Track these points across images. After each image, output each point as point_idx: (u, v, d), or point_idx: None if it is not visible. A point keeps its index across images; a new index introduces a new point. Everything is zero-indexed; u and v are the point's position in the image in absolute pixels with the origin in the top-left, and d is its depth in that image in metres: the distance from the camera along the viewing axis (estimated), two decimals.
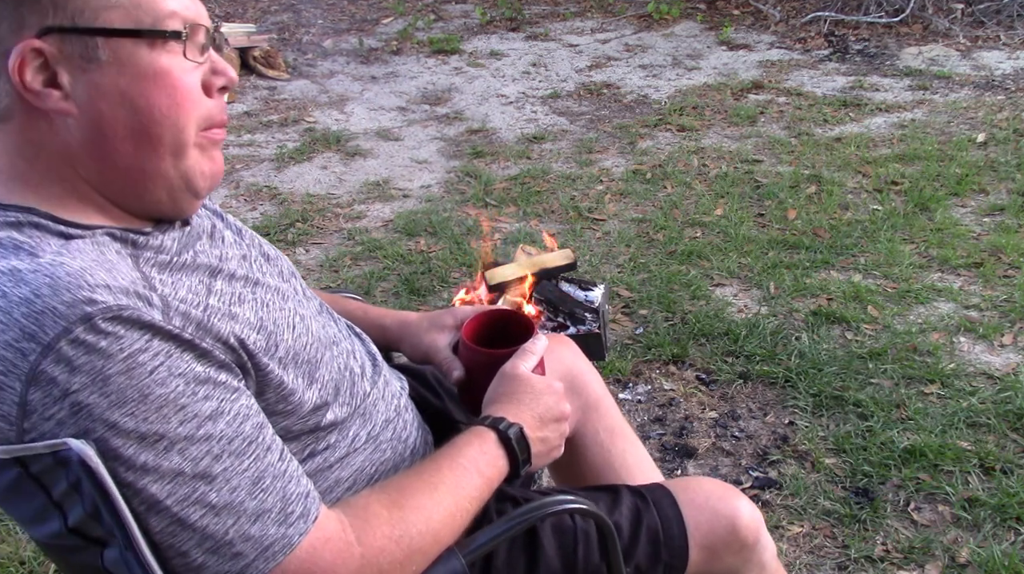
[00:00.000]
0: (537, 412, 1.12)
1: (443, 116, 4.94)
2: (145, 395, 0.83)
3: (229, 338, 0.92)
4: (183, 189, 0.97)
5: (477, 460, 1.05)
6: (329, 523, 0.93)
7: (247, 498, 0.87)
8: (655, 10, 6.49)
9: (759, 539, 1.30)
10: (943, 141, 4.20)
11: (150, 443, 0.83)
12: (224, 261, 1.02)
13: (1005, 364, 2.58)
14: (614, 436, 1.55)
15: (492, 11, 6.82)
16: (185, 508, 0.85)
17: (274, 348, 0.98)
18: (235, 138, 4.70)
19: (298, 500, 0.91)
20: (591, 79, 5.41)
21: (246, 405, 0.91)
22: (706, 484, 1.33)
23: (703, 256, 3.24)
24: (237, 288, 0.99)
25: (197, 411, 0.86)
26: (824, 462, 2.23)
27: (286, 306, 1.04)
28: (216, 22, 0.99)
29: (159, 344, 0.84)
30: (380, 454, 1.14)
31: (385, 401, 1.18)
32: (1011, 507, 2.04)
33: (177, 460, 0.84)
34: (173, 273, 0.94)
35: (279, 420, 0.99)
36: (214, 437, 0.86)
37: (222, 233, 1.09)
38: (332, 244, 3.53)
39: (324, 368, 1.05)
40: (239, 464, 0.88)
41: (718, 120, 4.65)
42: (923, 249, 3.25)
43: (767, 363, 2.61)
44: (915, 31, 5.88)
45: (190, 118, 0.94)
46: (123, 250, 0.93)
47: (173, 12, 0.92)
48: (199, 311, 0.91)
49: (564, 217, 3.65)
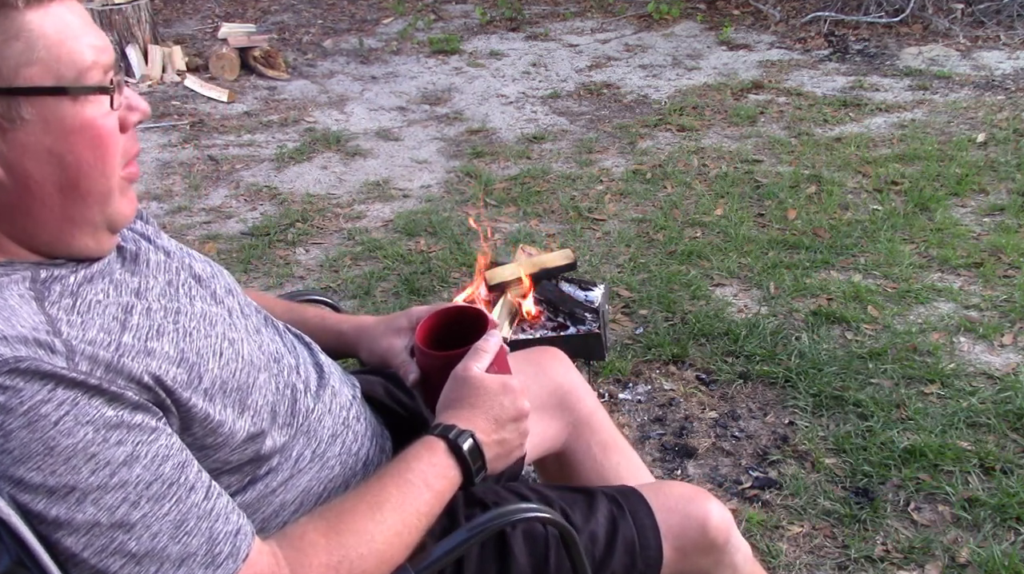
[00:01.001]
0: (492, 414, 1.09)
1: (443, 116, 4.94)
2: (51, 448, 0.80)
3: (143, 377, 0.89)
4: (105, 232, 0.96)
5: (426, 473, 1.02)
6: (261, 558, 0.90)
7: (169, 543, 0.85)
8: (655, 10, 6.49)
9: (729, 540, 1.31)
10: (943, 141, 4.20)
11: (60, 496, 0.81)
12: (143, 292, 0.98)
13: (1005, 364, 2.58)
14: (607, 450, 1.55)
15: (492, 11, 6.81)
16: (104, 559, 0.82)
17: (197, 380, 0.94)
18: (235, 138, 4.70)
19: (226, 539, 0.88)
20: (591, 79, 5.41)
21: (165, 445, 0.88)
22: (677, 487, 1.35)
23: (703, 256, 3.24)
24: (156, 320, 0.96)
25: (109, 458, 0.83)
26: (824, 462, 2.23)
27: (213, 332, 1.01)
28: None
29: (63, 393, 0.81)
30: (328, 471, 1.11)
31: (332, 414, 1.15)
32: (1011, 507, 2.04)
33: (91, 511, 0.82)
34: (83, 313, 0.91)
35: (210, 453, 0.96)
36: (130, 483, 0.84)
37: (147, 256, 1.05)
38: (332, 244, 3.53)
39: (257, 393, 1.02)
40: (159, 509, 0.85)
41: (718, 120, 4.65)
42: (923, 249, 3.25)
43: (767, 363, 2.61)
44: (915, 31, 5.87)
45: (115, 164, 0.92)
46: (27, 292, 0.89)
47: (94, 63, 0.88)
48: (109, 352, 0.88)
49: (564, 217, 3.65)
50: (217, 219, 3.80)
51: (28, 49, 0.84)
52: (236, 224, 3.74)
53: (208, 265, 1.14)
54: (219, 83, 5.41)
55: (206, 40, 6.25)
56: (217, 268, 1.16)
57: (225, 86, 5.37)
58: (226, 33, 5.81)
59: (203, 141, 4.66)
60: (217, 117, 4.99)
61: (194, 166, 4.35)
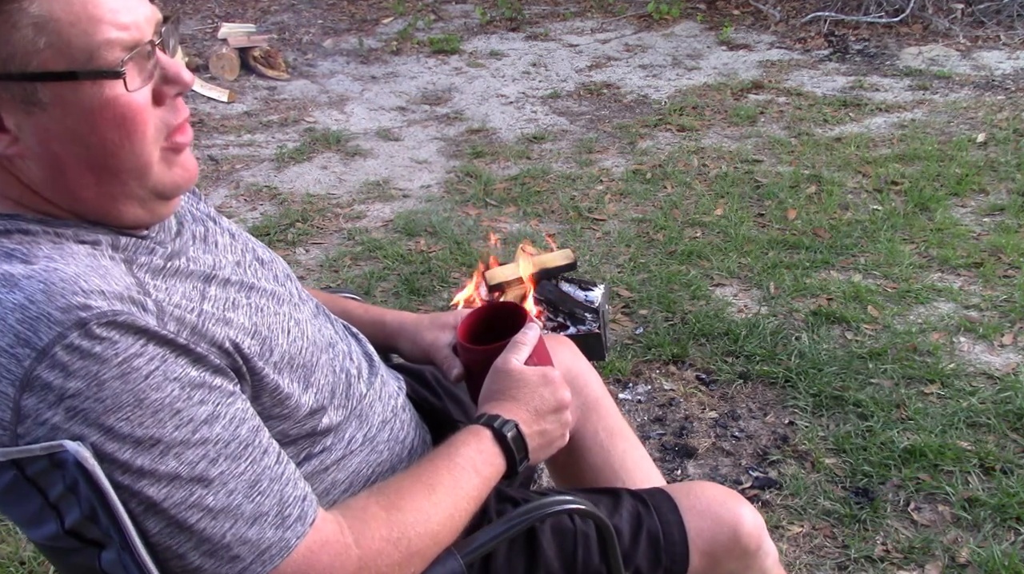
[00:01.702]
0: (532, 406, 1.11)
1: (443, 116, 4.94)
2: (140, 400, 0.83)
3: (224, 342, 0.92)
4: (155, 200, 0.96)
5: (474, 459, 1.04)
6: (326, 526, 0.93)
7: (244, 501, 0.87)
8: (655, 10, 6.48)
9: (761, 546, 1.30)
10: (943, 141, 4.20)
11: (146, 447, 0.83)
12: (218, 267, 1.01)
13: (1005, 364, 2.58)
14: (614, 437, 1.55)
15: (492, 11, 6.81)
16: (182, 511, 0.85)
17: (269, 353, 0.97)
18: (235, 138, 4.70)
19: (295, 503, 0.91)
20: (591, 79, 5.41)
21: (242, 409, 0.91)
22: (709, 489, 1.32)
23: (703, 256, 3.24)
24: (231, 293, 0.99)
25: (193, 415, 0.85)
26: (824, 462, 2.22)
27: (281, 310, 1.04)
28: (171, 13, 0.94)
29: (154, 349, 0.84)
30: (377, 455, 1.14)
31: (382, 402, 1.18)
32: (1011, 507, 2.04)
33: (173, 464, 0.84)
34: (167, 279, 0.94)
35: (275, 424, 0.99)
36: (210, 441, 0.86)
37: (215, 238, 1.08)
38: (332, 244, 3.53)
39: (320, 372, 1.05)
40: (235, 467, 0.88)
41: (718, 120, 4.65)
42: (923, 249, 3.25)
43: (767, 363, 2.61)
44: (915, 31, 5.87)
45: (145, 141, 0.91)
46: (116, 256, 0.92)
47: (107, 41, 0.85)
48: (194, 316, 0.91)
49: (564, 217, 3.65)
50: None
51: (37, 34, 0.83)
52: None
53: (267, 251, 1.18)
54: (219, 83, 5.41)
55: (206, 40, 6.25)
56: (274, 255, 1.19)
57: (225, 86, 5.37)
58: (226, 33, 5.81)
59: (203, 141, 4.66)
60: (217, 117, 4.99)
61: None
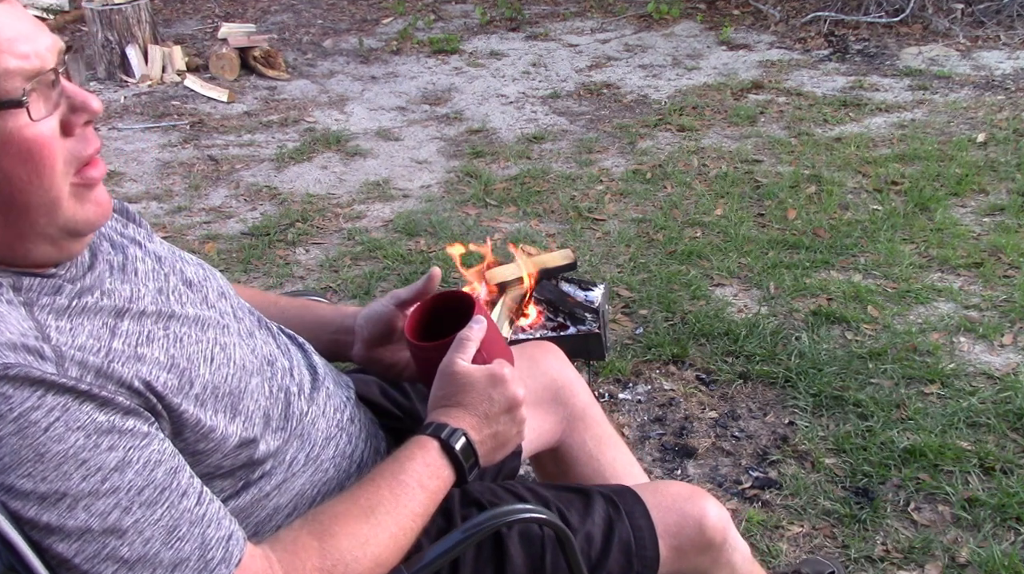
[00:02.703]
0: (481, 410, 1.08)
1: (443, 116, 4.94)
2: (41, 454, 0.80)
3: (133, 382, 0.88)
4: (66, 239, 0.93)
5: (420, 474, 1.02)
6: (254, 563, 0.90)
7: (162, 549, 0.84)
8: (655, 10, 6.48)
9: (727, 539, 1.31)
10: (943, 141, 4.20)
11: (52, 503, 0.80)
12: (135, 298, 0.97)
13: (1005, 364, 2.58)
14: (602, 445, 1.55)
15: (492, 11, 6.81)
16: (96, 565, 0.82)
17: (188, 386, 0.94)
18: (235, 138, 4.70)
19: (218, 544, 0.88)
20: (591, 79, 5.41)
21: (158, 450, 0.87)
22: (673, 487, 1.35)
23: (703, 256, 3.24)
24: (147, 326, 0.95)
25: (101, 464, 0.82)
26: (824, 462, 2.23)
27: (204, 337, 1.00)
28: (71, 42, 0.89)
29: (52, 399, 0.81)
30: (322, 474, 1.10)
31: (326, 418, 1.14)
32: (1011, 507, 2.04)
33: (83, 517, 0.81)
34: (72, 318, 0.90)
35: (203, 458, 0.96)
36: (121, 489, 0.83)
37: (135, 265, 1.03)
38: (332, 244, 3.53)
39: (249, 398, 1.01)
40: (151, 514, 0.84)
41: (718, 120, 4.65)
42: (923, 249, 3.25)
43: (767, 363, 2.61)
44: (915, 31, 5.87)
45: (54, 174, 0.88)
46: (16, 299, 0.88)
47: (6, 71, 0.82)
48: (100, 358, 0.87)
49: (564, 217, 3.65)
50: (217, 219, 3.80)
51: None
52: (236, 224, 3.74)
53: (200, 268, 1.13)
54: (219, 83, 5.41)
55: (206, 40, 6.25)
56: (209, 270, 1.14)
57: (225, 86, 5.37)
58: (226, 33, 5.81)
59: (203, 141, 4.66)
60: (217, 117, 4.99)
61: (194, 166, 4.35)
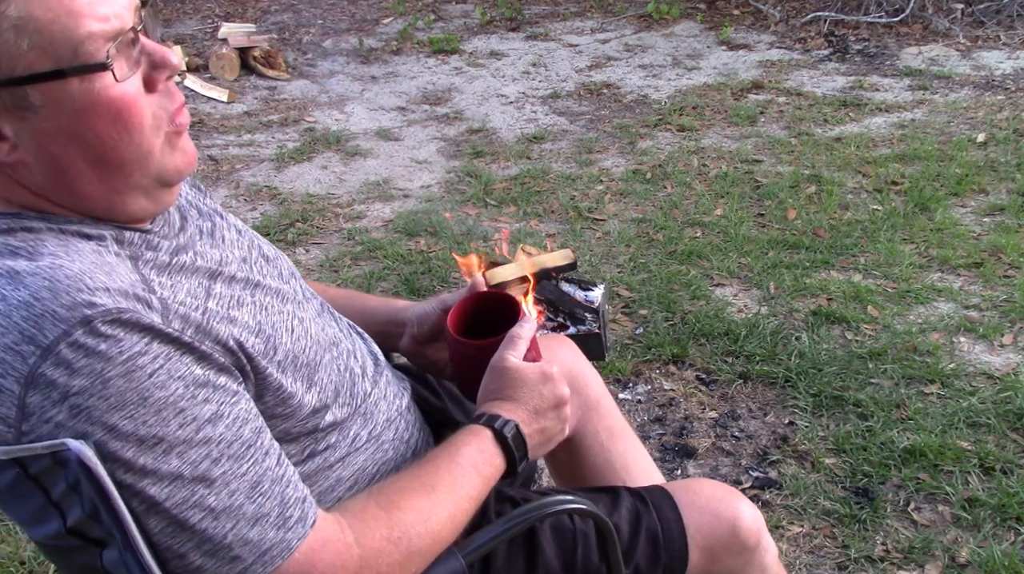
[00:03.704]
0: (532, 404, 1.11)
1: (443, 116, 4.94)
2: (144, 398, 0.82)
3: (228, 341, 0.92)
4: (159, 189, 0.96)
5: (475, 459, 1.04)
6: (327, 526, 0.93)
7: (246, 502, 0.87)
8: (655, 10, 6.48)
9: (760, 541, 1.30)
10: (943, 141, 4.20)
11: (149, 446, 0.83)
12: (224, 264, 1.01)
13: (1005, 364, 2.58)
14: (614, 436, 1.55)
15: (492, 11, 6.81)
16: (184, 511, 0.84)
17: (272, 352, 0.97)
18: (235, 138, 4.70)
19: (296, 504, 0.91)
20: (591, 79, 5.41)
21: (245, 409, 0.90)
22: (707, 486, 1.33)
23: (703, 256, 3.24)
24: (236, 291, 0.99)
25: (196, 414, 0.85)
26: (824, 462, 2.23)
27: (285, 309, 1.03)
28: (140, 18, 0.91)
29: (158, 347, 0.84)
30: (382, 454, 1.14)
31: (387, 401, 1.18)
32: (1011, 507, 2.04)
33: (176, 463, 0.84)
34: (172, 275, 0.94)
35: (278, 423, 0.99)
36: (213, 440, 0.86)
37: (222, 233, 1.08)
38: (332, 244, 3.53)
39: (323, 371, 1.05)
40: (238, 468, 0.87)
41: (718, 120, 4.65)
42: (923, 249, 3.25)
43: (767, 363, 2.61)
44: (915, 31, 5.87)
45: (143, 130, 0.91)
46: (122, 252, 0.92)
47: (90, 34, 0.84)
48: (198, 314, 0.91)
49: (564, 217, 3.65)
50: None
51: (19, 36, 0.82)
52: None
53: (272, 248, 1.17)
54: (219, 83, 5.41)
55: (206, 40, 6.25)
56: (279, 252, 1.19)
57: (225, 86, 5.37)
58: (226, 33, 5.80)
59: (203, 141, 4.66)
60: (217, 117, 4.99)
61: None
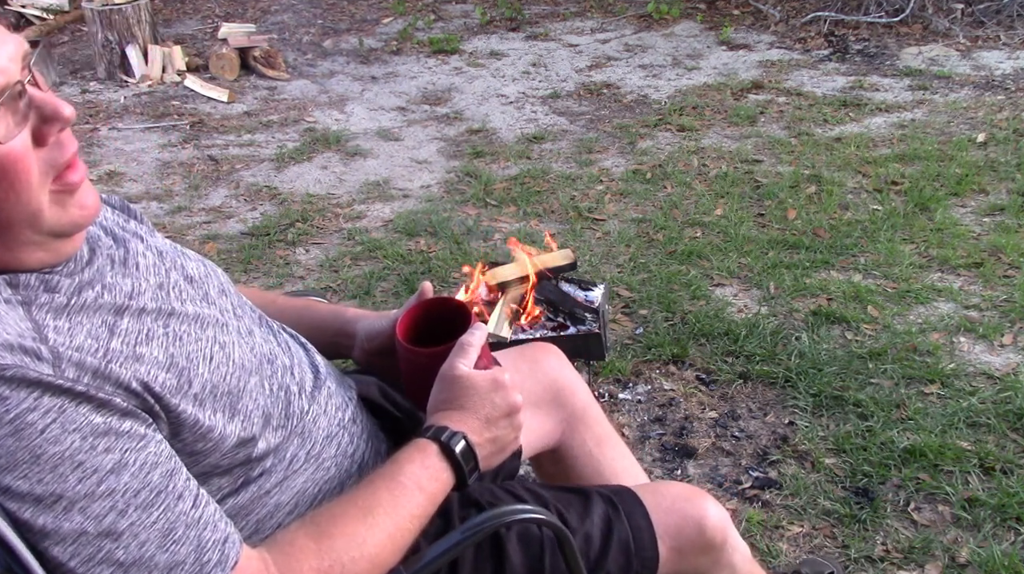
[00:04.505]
0: (483, 414, 1.09)
1: (443, 116, 4.94)
2: (37, 456, 0.79)
3: (131, 383, 0.87)
4: (56, 241, 0.92)
5: (418, 476, 1.02)
6: (250, 565, 0.90)
7: (158, 552, 0.84)
8: (655, 10, 6.48)
9: (727, 540, 1.32)
10: (943, 141, 4.20)
11: (47, 505, 0.80)
12: (134, 295, 0.96)
13: (1005, 364, 2.58)
14: (602, 445, 1.55)
15: (492, 11, 6.81)
16: (91, 568, 0.82)
17: (187, 385, 0.93)
18: (235, 138, 4.70)
19: (214, 547, 0.88)
20: (591, 79, 5.41)
21: (154, 453, 0.87)
22: (674, 487, 1.35)
23: (703, 256, 3.24)
24: (146, 324, 0.94)
25: (97, 466, 0.82)
26: (824, 462, 2.23)
27: (204, 335, 0.99)
28: (36, 38, 0.89)
29: (49, 400, 0.81)
30: (323, 472, 1.10)
31: (327, 415, 1.14)
32: (1011, 507, 2.04)
33: (79, 519, 0.81)
34: (71, 317, 0.89)
35: (200, 458, 0.95)
36: (117, 491, 0.83)
37: (136, 259, 1.02)
38: (332, 244, 3.53)
39: (248, 397, 1.00)
40: (147, 517, 0.84)
41: (718, 120, 4.65)
42: (923, 249, 3.25)
43: (767, 363, 2.61)
44: (915, 31, 5.87)
45: (30, 189, 0.86)
46: (13, 298, 0.88)
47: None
48: (97, 358, 0.86)
49: (564, 217, 3.65)
50: (217, 219, 3.80)
51: None
52: (236, 224, 3.74)
53: (202, 264, 1.12)
54: (219, 83, 5.41)
55: (206, 40, 6.25)
56: (211, 267, 1.14)
57: (225, 86, 5.37)
58: (226, 33, 5.80)
59: (203, 141, 4.66)
60: (217, 117, 4.99)
61: (194, 166, 4.35)
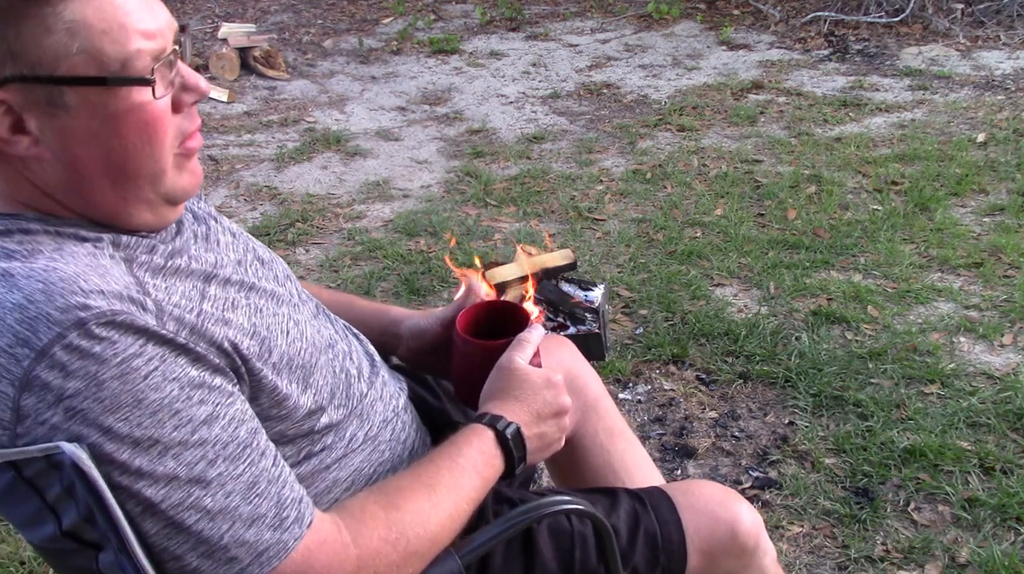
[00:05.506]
0: (535, 408, 1.11)
1: (443, 116, 4.94)
2: (139, 400, 0.82)
3: (223, 343, 0.92)
4: (164, 205, 0.97)
5: (475, 460, 1.04)
6: (324, 527, 0.93)
7: (242, 503, 0.87)
8: (655, 10, 6.48)
9: (759, 544, 1.29)
10: (943, 141, 4.20)
11: (144, 448, 0.83)
12: (219, 266, 1.01)
13: (1005, 364, 2.58)
14: (613, 437, 1.55)
15: (492, 11, 6.81)
16: (180, 513, 0.84)
17: (267, 354, 0.97)
18: (235, 138, 4.70)
19: (293, 505, 0.91)
20: (591, 79, 5.41)
21: (241, 410, 0.90)
22: (706, 488, 1.32)
23: (703, 256, 3.24)
24: (231, 293, 0.99)
25: (192, 416, 0.85)
26: (824, 462, 2.22)
27: (280, 311, 1.03)
28: (184, 21, 0.95)
29: (153, 349, 0.84)
30: (378, 454, 1.13)
31: (383, 401, 1.17)
32: (1011, 507, 2.04)
33: (172, 465, 0.84)
34: (167, 278, 0.94)
35: (274, 425, 0.99)
36: (209, 442, 0.86)
37: (217, 236, 1.08)
38: (332, 244, 3.53)
39: (319, 373, 1.05)
40: (234, 469, 0.87)
41: (718, 120, 4.65)
42: (923, 249, 3.24)
43: (767, 363, 2.61)
44: (915, 31, 5.87)
45: (164, 146, 0.93)
46: (117, 255, 0.92)
47: (139, 51, 0.87)
48: (193, 316, 0.91)
49: (564, 217, 3.65)
50: None
51: (70, 39, 0.83)
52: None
53: (267, 251, 1.18)
54: (219, 83, 5.41)
55: (206, 40, 6.25)
56: (274, 255, 1.19)
57: (225, 86, 5.37)
58: (226, 33, 5.80)
59: (203, 141, 4.66)
60: (217, 117, 4.99)
61: None
